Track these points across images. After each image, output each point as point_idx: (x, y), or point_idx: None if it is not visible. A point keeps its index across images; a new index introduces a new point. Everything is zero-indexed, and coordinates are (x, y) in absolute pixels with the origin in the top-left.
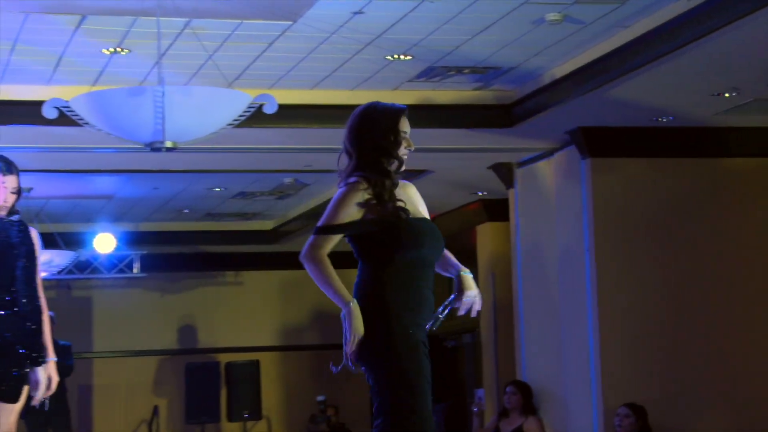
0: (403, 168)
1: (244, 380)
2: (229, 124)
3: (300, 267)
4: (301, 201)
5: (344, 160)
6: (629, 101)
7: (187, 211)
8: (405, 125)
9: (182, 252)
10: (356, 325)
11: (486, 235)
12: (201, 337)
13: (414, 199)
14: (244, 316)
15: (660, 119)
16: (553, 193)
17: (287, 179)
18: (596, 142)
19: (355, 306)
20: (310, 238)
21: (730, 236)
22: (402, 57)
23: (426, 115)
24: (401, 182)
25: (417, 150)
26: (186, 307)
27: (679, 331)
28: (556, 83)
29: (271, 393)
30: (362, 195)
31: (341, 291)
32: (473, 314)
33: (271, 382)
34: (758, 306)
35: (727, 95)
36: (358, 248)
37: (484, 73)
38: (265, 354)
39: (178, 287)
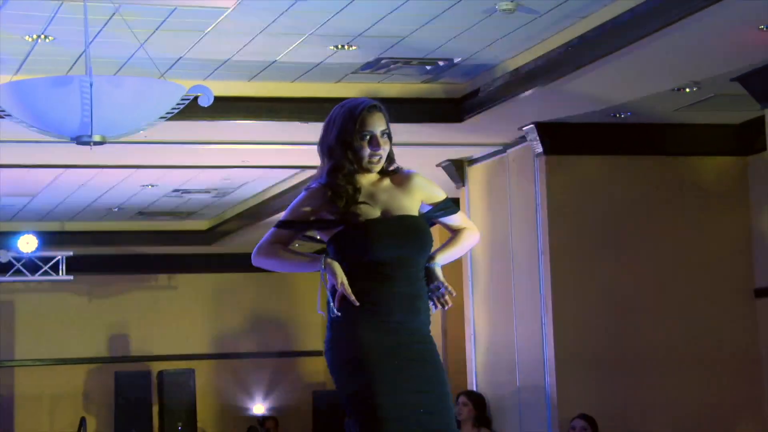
0: (377, 168)
1: (178, 390)
2: (162, 117)
3: (238, 269)
4: (239, 199)
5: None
6: (586, 96)
7: (116, 209)
8: (369, 123)
9: (112, 253)
10: (336, 270)
11: (434, 237)
12: (132, 344)
13: (397, 195)
14: (177, 321)
15: (618, 115)
16: (506, 193)
17: (223, 176)
18: (551, 139)
19: (328, 258)
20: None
21: (692, 240)
22: (346, 47)
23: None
24: (398, 175)
25: None
26: (116, 312)
27: (637, 340)
28: (510, 76)
29: (206, 404)
30: (316, 201)
31: (304, 257)
32: (444, 307)
33: (206, 393)
34: (721, 314)
35: (687, 90)
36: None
37: (434, 65)
38: (200, 362)
39: (107, 291)
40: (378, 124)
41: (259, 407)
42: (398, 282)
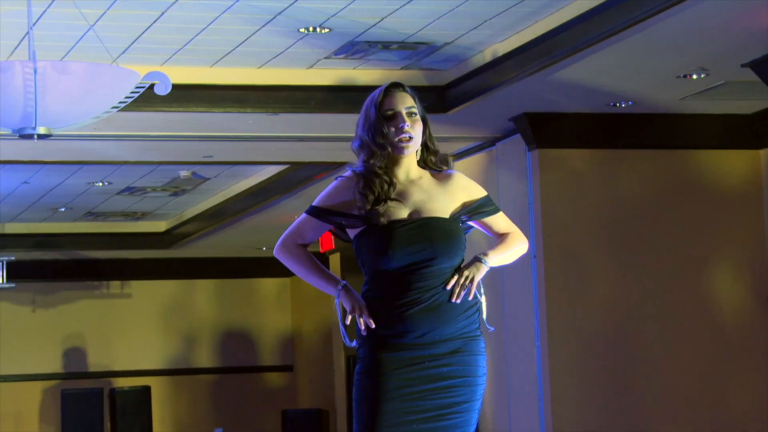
0: (410, 149)
1: (132, 409)
2: (114, 107)
3: (199, 275)
4: (200, 198)
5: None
6: (583, 83)
7: (63, 209)
8: (391, 102)
9: (58, 258)
10: (350, 300)
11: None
12: (80, 358)
13: (435, 195)
14: (132, 334)
15: (618, 104)
16: (495, 190)
17: (183, 172)
18: (544, 131)
19: (345, 287)
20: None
21: (698, 240)
22: (318, 30)
23: (346, 98)
24: (440, 173)
25: (334, 140)
26: (63, 323)
27: (637, 350)
28: (498, 62)
29: (163, 423)
30: (346, 192)
31: (322, 273)
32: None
33: (163, 411)
34: (729, 322)
35: (694, 77)
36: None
37: (415, 50)
38: (156, 379)
39: (53, 299)
40: (401, 101)
41: (222, 429)
42: (421, 291)
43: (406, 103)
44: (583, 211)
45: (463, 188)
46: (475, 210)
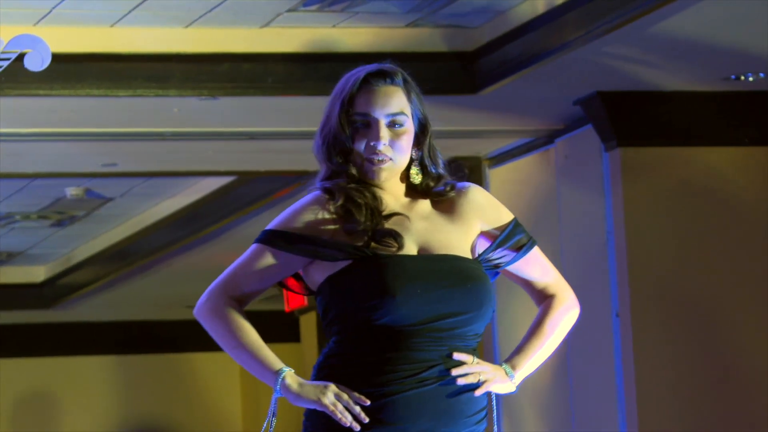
0: (382, 175)
1: None
2: None
3: (93, 350)
4: (98, 230)
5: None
6: (686, 43)
7: None
8: (364, 101)
9: None
10: (316, 392)
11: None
12: None
13: (440, 224)
14: None
15: (741, 77)
16: (554, 210)
17: (71, 190)
18: (630, 120)
19: (289, 374)
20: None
21: None
22: None
23: (320, 73)
24: (450, 189)
25: (301, 136)
26: None
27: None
28: (557, 13)
29: None
30: (321, 211)
31: (257, 351)
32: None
33: None
34: None
35: None
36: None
37: None
38: None
39: None
40: (382, 102)
41: None
42: (429, 365)
43: (390, 105)
44: (692, 239)
45: (480, 207)
46: (506, 241)
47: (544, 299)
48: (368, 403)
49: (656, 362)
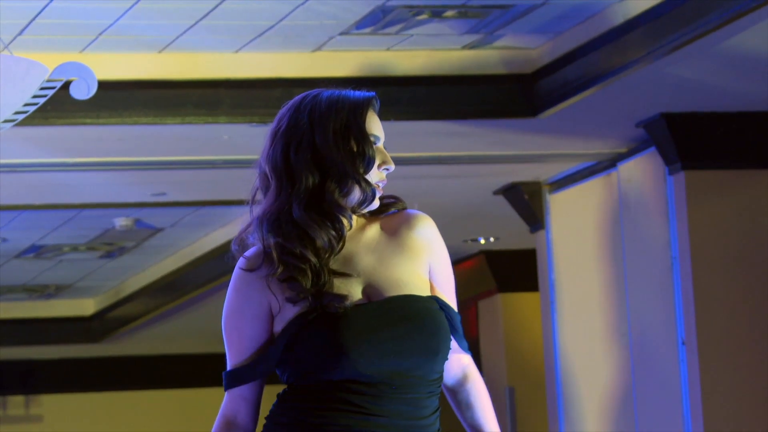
0: (371, 206)
1: None
2: (7, 120)
3: (144, 386)
4: (148, 261)
5: (260, 196)
6: (753, 61)
7: None
8: (373, 124)
9: None
10: None
11: (494, 317)
12: None
13: (389, 255)
14: None
15: None
16: (618, 236)
17: (120, 220)
18: (696, 143)
19: None
20: None
21: None
22: None
23: (379, 96)
24: (390, 217)
25: None
26: None
27: None
28: (621, 31)
29: None
30: (261, 287)
31: None
32: None
33: None
34: None
35: None
36: None
37: (483, 17)
38: None
39: None
40: (380, 128)
41: None
42: (388, 414)
43: (382, 133)
44: (760, 263)
45: (430, 243)
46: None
47: (457, 368)
48: None
49: (724, 392)
